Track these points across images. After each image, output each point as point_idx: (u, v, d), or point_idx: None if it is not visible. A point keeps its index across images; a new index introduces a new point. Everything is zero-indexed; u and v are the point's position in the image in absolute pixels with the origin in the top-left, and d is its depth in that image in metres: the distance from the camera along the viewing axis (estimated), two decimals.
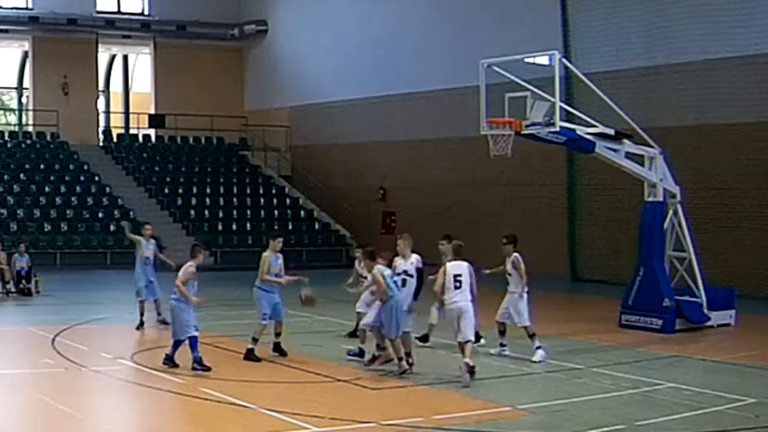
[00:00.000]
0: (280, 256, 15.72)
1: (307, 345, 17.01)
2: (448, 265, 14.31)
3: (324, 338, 18.00)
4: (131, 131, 44.34)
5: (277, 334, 15.74)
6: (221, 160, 42.09)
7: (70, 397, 12.85)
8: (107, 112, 46.40)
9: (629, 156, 19.51)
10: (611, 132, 19.26)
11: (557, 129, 18.25)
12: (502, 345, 16.14)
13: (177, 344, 14.51)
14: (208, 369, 14.18)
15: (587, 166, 27.72)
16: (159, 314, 19.11)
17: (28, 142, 40.14)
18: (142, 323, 18.83)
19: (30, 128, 41.60)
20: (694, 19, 25.65)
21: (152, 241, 19.94)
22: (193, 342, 14.33)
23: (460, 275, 14.08)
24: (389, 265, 14.56)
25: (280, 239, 15.93)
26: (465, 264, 14.26)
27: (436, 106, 34.87)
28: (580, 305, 25.64)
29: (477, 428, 11.48)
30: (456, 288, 14.02)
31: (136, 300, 19.21)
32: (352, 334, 16.95)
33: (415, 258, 15.15)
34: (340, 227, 38.40)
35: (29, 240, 29.93)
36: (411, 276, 14.95)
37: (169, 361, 14.48)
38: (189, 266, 14.74)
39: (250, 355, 15.27)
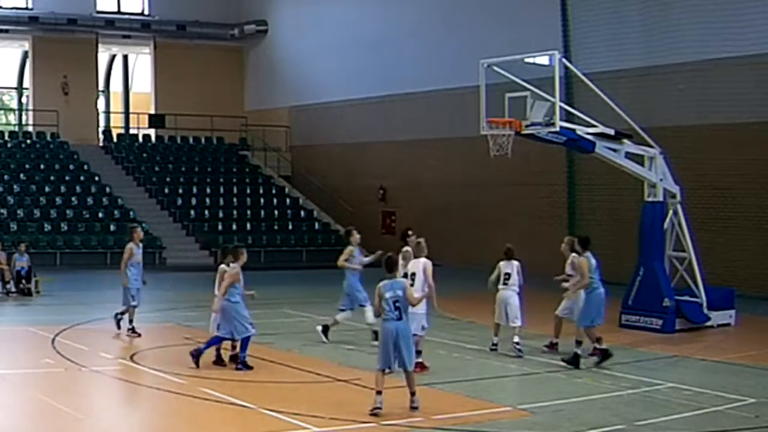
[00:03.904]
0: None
1: (307, 345, 17.01)
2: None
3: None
4: (131, 131, 44.37)
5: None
6: (221, 160, 42.09)
7: (70, 397, 12.84)
8: (107, 112, 46.44)
9: (629, 156, 19.51)
10: (611, 132, 19.27)
11: (557, 129, 18.25)
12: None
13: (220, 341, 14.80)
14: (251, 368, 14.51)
15: (587, 166, 27.70)
16: (132, 320, 18.10)
17: (28, 142, 40.14)
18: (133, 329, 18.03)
19: (30, 128, 41.61)
20: (694, 19, 25.64)
21: (140, 244, 18.57)
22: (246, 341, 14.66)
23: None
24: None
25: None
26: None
27: (436, 106, 34.87)
28: None
29: (477, 428, 11.48)
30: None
31: (129, 306, 17.94)
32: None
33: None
34: (340, 227, 38.36)
35: (29, 240, 29.93)
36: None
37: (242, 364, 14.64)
38: (234, 268, 14.74)
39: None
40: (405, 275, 14.60)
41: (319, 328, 17.40)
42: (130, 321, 17.93)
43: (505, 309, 16.30)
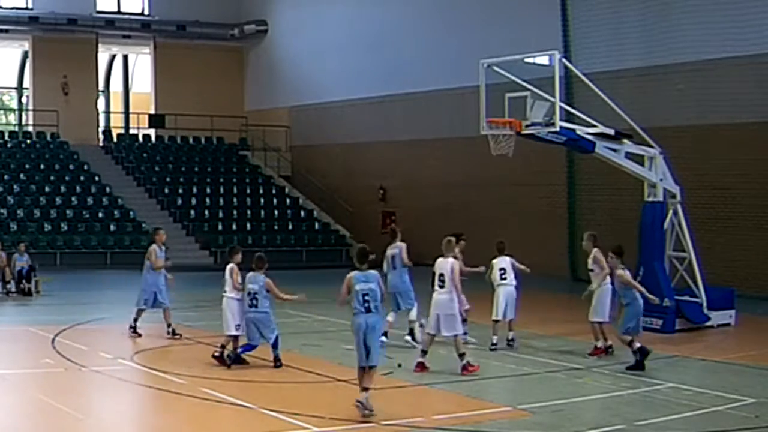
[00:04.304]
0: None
1: (307, 345, 17.01)
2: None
3: (324, 338, 18.00)
4: (131, 131, 44.36)
5: None
6: (221, 160, 42.10)
7: (70, 397, 12.85)
8: (107, 112, 46.42)
9: (629, 156, 19.51)
10: (611, 132, 19.27)
11: (557, 129, 18.26)
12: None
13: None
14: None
15: (587, 166, 27.69)
16: (170, 325, 17.91)
17: (28, 142, 40.14)
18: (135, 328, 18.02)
19: (30, 128, 41.60)
20: (694, 19, 25.62)
21: (163, 247, 18.44)
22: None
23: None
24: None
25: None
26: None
27: (436, 106, 34.85)
28: (580, 305, 25.49)
29: (477, 428, 11.48)
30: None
31: (139, 308, 17.90)
32: None
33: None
34: (340, 227, 38.41)
35: (29, 240, 29.94)
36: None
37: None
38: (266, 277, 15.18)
39: None
40: (433, 275, 14.57)
41: (408, 338, 16.80)
42: (134, 320, 17.94)
43: (505, 304, 16.46)
